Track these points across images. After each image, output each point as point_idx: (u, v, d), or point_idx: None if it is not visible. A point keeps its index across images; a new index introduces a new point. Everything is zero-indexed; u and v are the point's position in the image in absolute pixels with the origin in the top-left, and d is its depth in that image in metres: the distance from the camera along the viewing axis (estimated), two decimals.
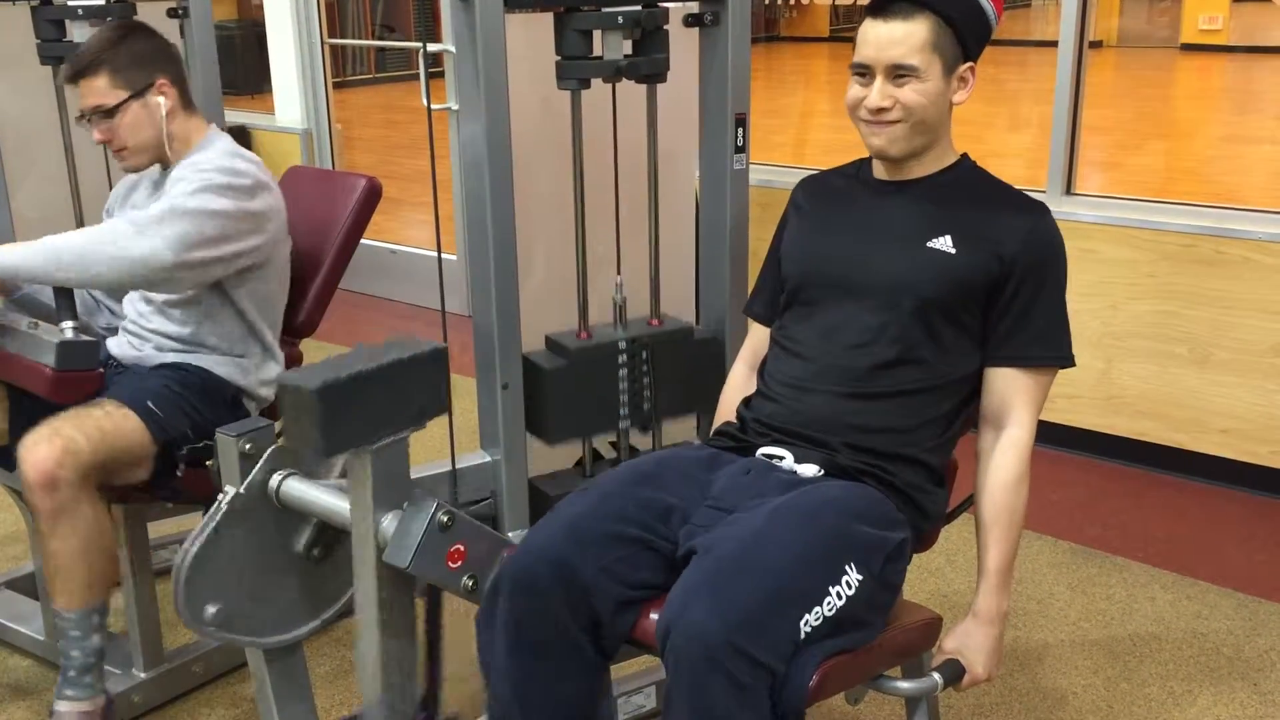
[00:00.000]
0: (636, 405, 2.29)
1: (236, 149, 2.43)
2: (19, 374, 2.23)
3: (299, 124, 5.46)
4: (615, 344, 2.27)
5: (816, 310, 1.91)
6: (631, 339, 2.27)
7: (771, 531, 1.64)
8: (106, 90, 2.33)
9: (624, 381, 2.27)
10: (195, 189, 2.25)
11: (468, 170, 2.13)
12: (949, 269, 1.82)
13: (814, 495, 1.74)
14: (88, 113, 2.36)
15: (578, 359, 2.23)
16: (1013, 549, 1.83)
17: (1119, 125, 8.56)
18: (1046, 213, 1.86)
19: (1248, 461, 3.31)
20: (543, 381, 2.21)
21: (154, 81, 2.37)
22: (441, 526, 1.73)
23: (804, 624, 1.57)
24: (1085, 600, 2.85)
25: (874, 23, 1.82)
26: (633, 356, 2.27)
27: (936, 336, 1.83)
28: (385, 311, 5.22)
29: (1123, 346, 3.44)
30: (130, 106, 2.35)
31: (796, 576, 1.59)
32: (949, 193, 1.88)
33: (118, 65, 2.34)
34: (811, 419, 1.85)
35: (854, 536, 1.68)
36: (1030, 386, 1.85)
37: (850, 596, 1.62)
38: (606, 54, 2.18)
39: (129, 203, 2.54)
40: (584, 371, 2.23)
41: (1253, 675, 2.55)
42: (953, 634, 1.81)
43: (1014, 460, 1.83)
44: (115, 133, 2.36)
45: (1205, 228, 3.27)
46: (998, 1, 1.88)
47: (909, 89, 1.80)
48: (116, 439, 2.18)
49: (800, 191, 2.07)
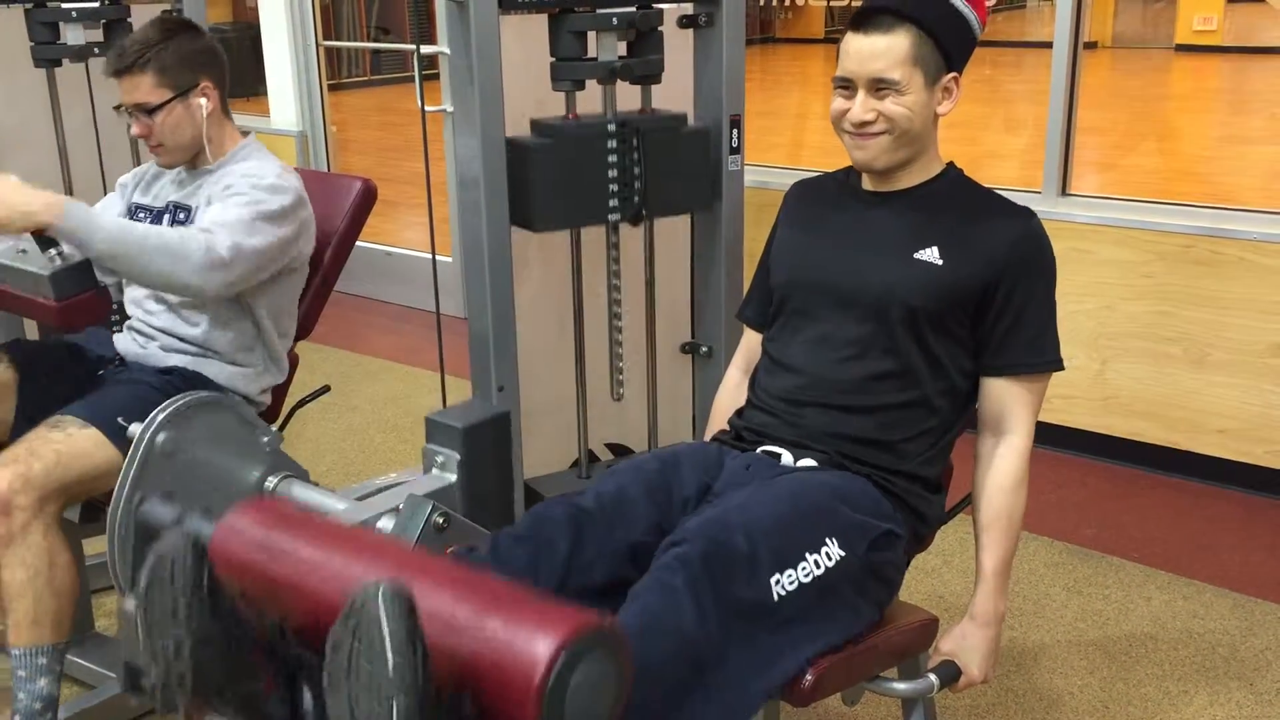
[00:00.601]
0: (626, 197, 2.23)
1: (279, 162, 2.43)
2: (25, 309, 2.22)
3: (294, 126, 5.46)
4: (604, 126, 2.20)
5: (805, 320, 1.91)
6: (621, 123, 2.21)
7: (753, 500, 1.67)
8: (151, 89, 2.30)
9: (613, 170, 2.20)
10: (254, 216, 2.23)
11: (462, 172, 2.13)
12: (936, 280, 1.82)
13: (805, 477, 1.77)
14: (129, 108, 2.34)
15: (564, 139, 2.16)
16: (1010, 552, 1.83)
17: (1114, 126, 8.56)
18: (1033, 218, 1.86)
19: (1243, 461, 3.32)
20: (528, 162, 2.13)
21: (199, 83, 2.34)
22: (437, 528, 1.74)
23: (775, 583, 1.57)
24: (1081, 601, 2.85)
25: (855, 36, 1.81)
26: (622, 141, 2.20)
27: (927, 347, 1.84)
28: (381, 314, 5.21)
29: (1118, 347, 3.44)
30: (174, 106, 2.32)
31: (770, 535, 1.59)
32: (935, 203, 1.88)
33: (164, 64, 2.30)
34: (808, 432, 1.85)
35: (838, 515, 1.69)
36: (1025, 393, 1.85)
37: (829, 568, 1.62)
38: (601, 55, 2.18)
39: (150, 192, 2.52)
40: (571, 153, 2.15)
41: (1249, 675, 2.55)
42: (949, 635, 1.81)
43: (1012, 465, 1.83)
44: (155, 130, 2.34)
45: (1201, 228, 3.28)
46: (980, 9, 1.87)
47: (890, 102, 1.79)
48: (74, 461, 2.12)
49: (793, 196, 2.07)
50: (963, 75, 1.87)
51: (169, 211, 2.44)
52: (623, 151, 2.20)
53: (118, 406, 2.21)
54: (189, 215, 2.40)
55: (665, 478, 1.78)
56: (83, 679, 2.55)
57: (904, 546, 1.80)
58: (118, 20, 2.88)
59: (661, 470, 1.79)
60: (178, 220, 2.41)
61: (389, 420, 4.02)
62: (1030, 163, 4.97)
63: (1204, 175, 7.31)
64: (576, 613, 1.16)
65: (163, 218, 2.44)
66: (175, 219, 2.42)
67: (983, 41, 1.91)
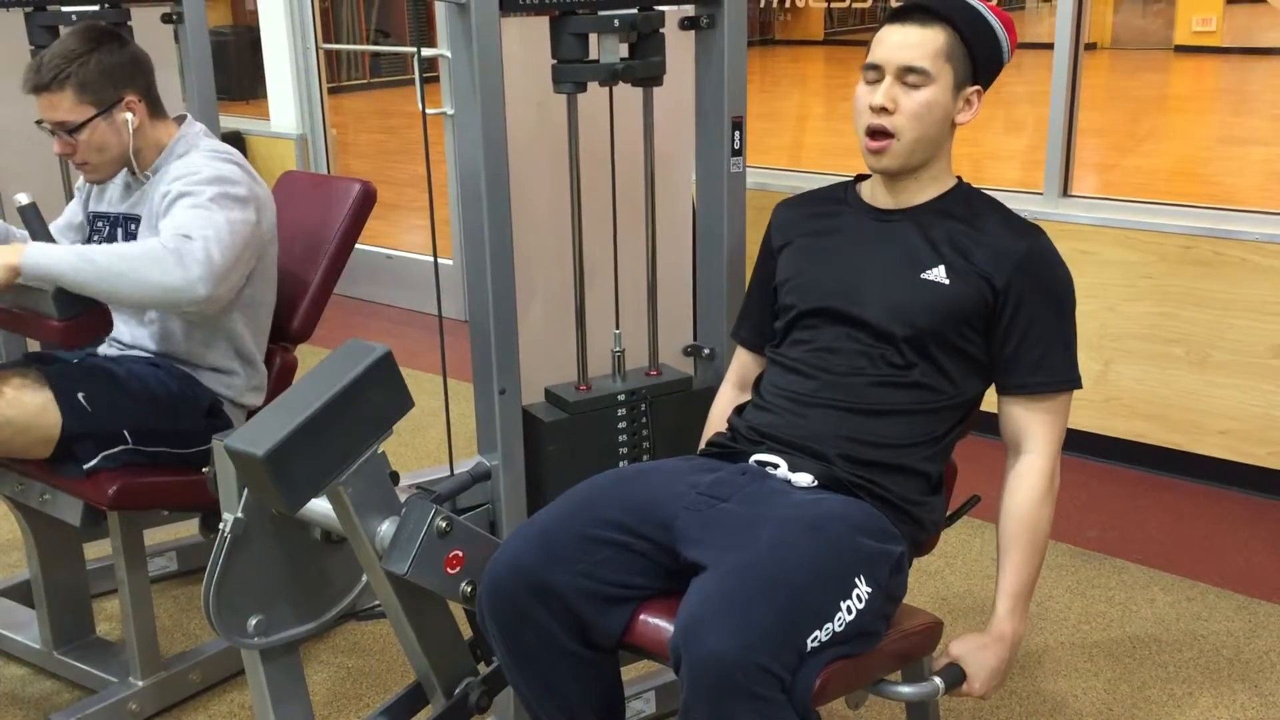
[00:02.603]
0: (635, 457, 2.29)
1: (216, 147, 2.38)
2: (30, 329, 2.21)
3: (294, 129, 5.46)
4: (614, 396, 2.26)
5: (817, 334, 1.91)
6: (630, 391, 2.27)
7: (780, 545, 1.63)
8: (72, 106, 2.22)
9: (623, 434, 2.27)
10: (210, 201, 2.18)
11: (464, 174, 2.12)
12: (942, 300, 1.82)
13: (816, 509, 1.74)
14: (51, 126, 2.26)
15: (576, 412, 2.22)
16: (1032, 573, 1.82)
17: (1114, 127, 8.55)
18: (1041, 236, 1.85)
19: (1246, 463, 3.31)
20: (541, 435, 2.19)
21: (122, 98, 2.27)
22: (440, 533, 1.73)
23: (812, 639, 1.56)
24: (1085, 603, 2.84)
25: (892, 27, 1.84)
26: (631, 408, 2.27)
27: (937, 364, 1.83)
28: (381, 317, 5.21)
29: (1120, 348, 3.44)
30: (97, 124, 2.26)
31: (811, 589, 1.58)
32: (943, 220, 1.88)
33: (84, 79, 2.22)
34: (809, 432, 1.85)
35: (860, 548, 1.67)
36: (1039, 413, 1.84)
37: (860, 610, 1.61)
38: (603, 57, 2.17)
39: (105, 197, 2.48)
40: (583, 425, 2.22)
41: (1253, 677, 2.54)
42: (964, 641, 1.80)
43: (1031, 484, 1.83)
44: (79, 149, 2.28)
45: (1202, 229, 3.27)
46: (1012, 35, 1.88)
47: (914, 95, 1.80)
48: (6, 408, 2.11)
49: (783, 215, 2.06)
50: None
51: (120, 224, 2.42)
52: (631, 418, 2.27)
53: (90, 385, 2.22)
54: (136, 227, 2.37)
55: (638, 486, 1.81)
56: (84, 683, 2.55)
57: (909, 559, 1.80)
58: (117, 23, 2.87)
59: (642, 473, 1.84)
60: (130, 233, 2.38)
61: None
62: (1031, 164, 4.97)
63: (1204, 176, 7.31)
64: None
65: (121, 228, 2.41)
66: (127, 231, 2.39)
67: None
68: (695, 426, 2.19)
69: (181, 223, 2.17)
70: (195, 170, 2.28)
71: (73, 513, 2.33)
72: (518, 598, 1.68)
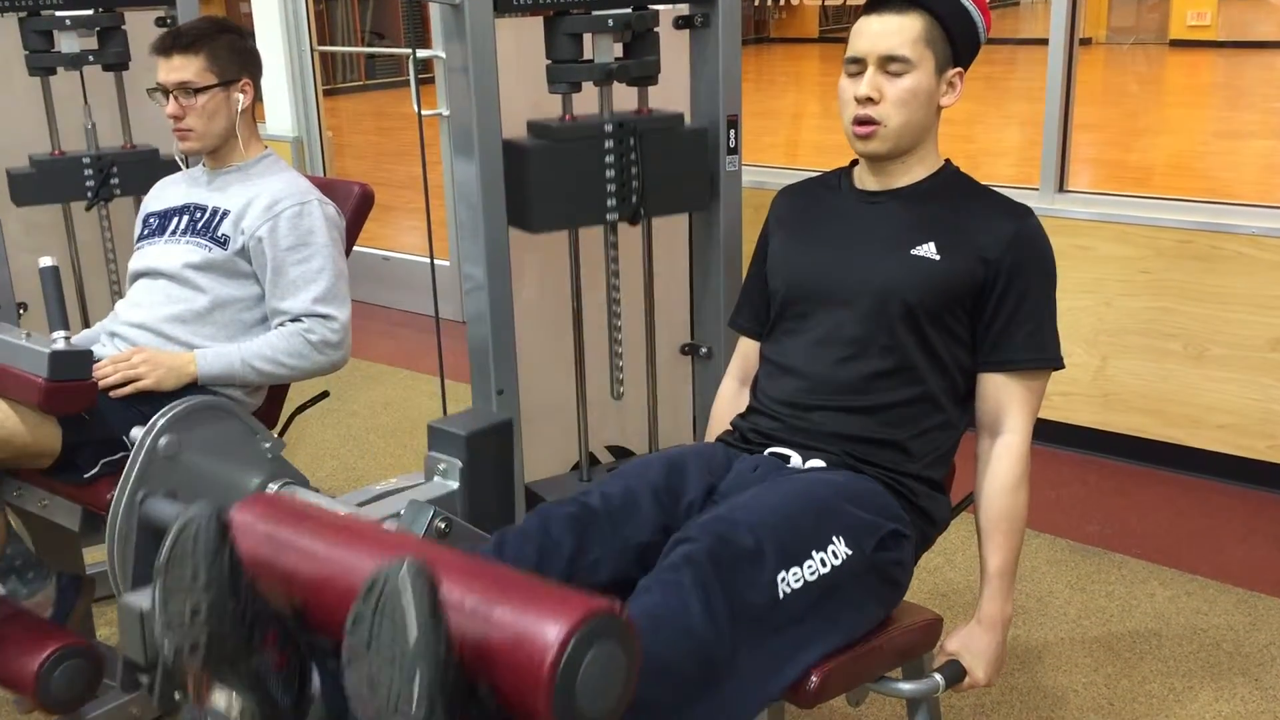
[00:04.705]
0: (624, 197, 2.23)
1: (310, 184, 2.48)
2: (10, 386, 2.19)
3: (290, 132, 5.46)
4: (601, 127, 2.20)
5: (805, 323, 1.91)
6: (619, 123, 2.22)
7: (760, 498, 1.66)
8: (200, 70, 2.39)
9: (611, 170, 2.21)
10: (323, 269, 2.36)
11: (459, 176, 2.12)
12: (933, 275, 1.82)
13: (812, 476, 1.77)
14: (171, 87, 2.39)
15: (561, 140, 2.16)
16: (1014, 553, 1.82)
17: (1110, 122, 8.56)
18: (1030, 216, 1.86)
19: (1245, 456, 3.31)
20: (525, 164, 2.13)
21: (241, 78, 2.44)
22: (439, 533, 1.73)
23: (781, 580, 1.56)
24: (1085, 598, 2.84)
25: (869, 18, 1.85)
26: (620, 142, 2.21)
27: (926, 344, 1.83)
28: (379, 319, 5.21)
29: (1118, 343, 3.44)
30: (216, 92, 2.41)
31: (777, 532, 1.59)
32: (932, 200, 1.89)
33: (217, 51, 2.41)
34: (815, 435, 1.85)
35: (845, 513, 1.68)
36: (1022, 391, 1.84)
37: (835, 567, 1.62)
38: (597, 57, 2.18)
39: (160, 197, 2.55)
40: (568, 155, 2.16)
41: (1253, 670, 2.54)
42: (956, 636, 1.80)
43: (1009, 465, 1.83)
44: (191, 112, 2.40)
45: (1199, 223, 3.27)
46: (986, 14, 1.90)
47: (898, 82, 1.81)
48: (6, 419, 2.13)
49: (781, 202, 2.07)
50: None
51: (186, 211, 2.47)
52: (620, 152, 2.19)
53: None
54: (204, 215, 2.44)
55: (671, 479, 1.78)
56: None
57: (912, 548, 1.79)
58: (112, 28, 2.88)
59: (667, 472, 1.79)
60: (194, 219, 2.44)
61: (388, 425, 4.01)
62: (1026, 160, 4.97)
63: (1201, 170, 7.31)
64: (588, 598, 1.16)
65: (178, 217, 2.47)
66: (192, 218, 2.45)
67: None
68: (686, 170, 2.12)
69: (321, 292, 2.36)
70: (310, 209, 2.40)
71: (72, 518, 2.32)
72: (563, 527, 1.68)
